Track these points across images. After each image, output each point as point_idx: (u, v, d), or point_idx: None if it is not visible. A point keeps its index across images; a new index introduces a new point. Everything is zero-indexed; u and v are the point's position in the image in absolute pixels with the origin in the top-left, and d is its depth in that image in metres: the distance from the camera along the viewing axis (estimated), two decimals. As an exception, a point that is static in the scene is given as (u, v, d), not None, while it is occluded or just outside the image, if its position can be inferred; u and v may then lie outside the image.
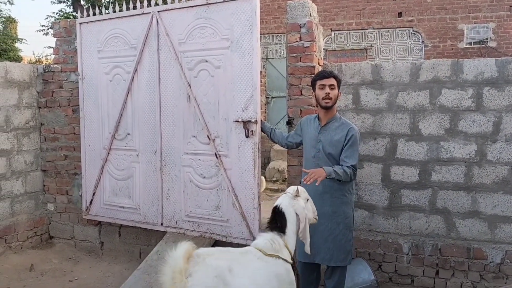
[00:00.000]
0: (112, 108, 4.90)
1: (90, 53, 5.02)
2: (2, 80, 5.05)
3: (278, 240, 2.71)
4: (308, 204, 2.91)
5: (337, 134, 3.32)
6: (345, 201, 3.35)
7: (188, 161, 4.50)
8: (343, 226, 3.32)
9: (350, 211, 3.38)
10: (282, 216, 2.78)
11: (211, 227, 4.39)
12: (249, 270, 2.53)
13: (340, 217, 3.32)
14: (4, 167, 5.11)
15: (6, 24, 20.07)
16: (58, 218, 5.50)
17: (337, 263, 3.33)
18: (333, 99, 3.33)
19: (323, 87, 3.32)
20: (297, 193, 2.83)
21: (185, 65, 4.44)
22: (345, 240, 3.34)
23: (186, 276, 2.33)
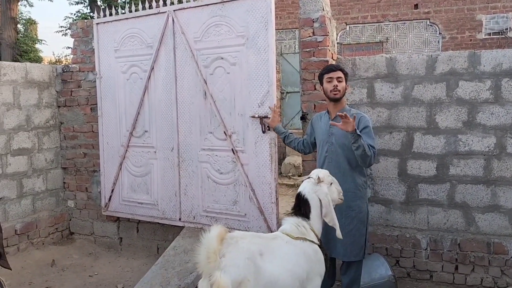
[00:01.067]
0: (130, 106, 4.98)
1: (107, 52, 5.10)
2: (23, 81, 5.17)
3: (303, 224, 2.79)
4: (333, 187, 2.93)
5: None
6: (359, 195, 3.31)
7: (205, 157, 4.56)
8: (357, 221, 3.30)
9: (364, 206, 3.35)
10: (305, 202, 2.83)
11: (229, 222, 4.44)
12: (278, 255, 2.59)
13: (354, 212, 3.30)
14: (26, 165, 5.23)
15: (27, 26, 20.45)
16: (78, 215, 5.61)
17: (350, 258, 3.32)
18: (342, 91, 3.33)
19: (331, 80, 3.33)
20: (319, 180, 2.85)
21: (201, 63, 4.49)
22: (359, 234, 3.31)
23: (220, 256, 2.40)
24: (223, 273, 2.35)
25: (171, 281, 3.81)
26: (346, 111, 3.34)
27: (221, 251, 2.43)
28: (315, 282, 2.71)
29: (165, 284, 3.79)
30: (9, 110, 5.02)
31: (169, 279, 3.84)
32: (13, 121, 5.07)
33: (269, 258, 2.55)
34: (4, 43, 13.75)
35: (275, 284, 2.51)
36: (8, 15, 13.81)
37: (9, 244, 4.97)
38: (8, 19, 13.83)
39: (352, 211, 3.29)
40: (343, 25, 11.07)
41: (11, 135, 5.05)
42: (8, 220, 5.02)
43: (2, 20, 13.87)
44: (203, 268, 2.41)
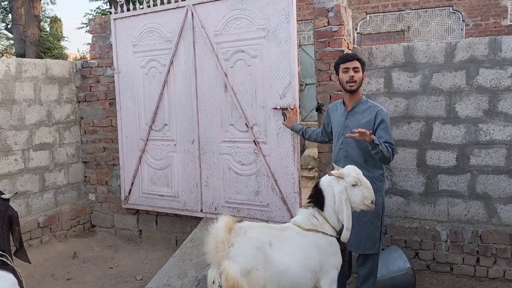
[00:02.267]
0: (149, 100, 5.03)
1: (125, 47, 5.15)
2: (43, 77, 5.25)
3: (316, 215, 2.75)
4: (356, 189, 2.75)
5: (365, 117, 3.20)
6: (374, 188, 3.01)
7: (226, 149, 4.60)
8: (372, 214, 3.16)
9: (379, 199, 3.21)
10: (320, 194, 2.78)
11: (251, 212, 4.49)
12: (288, 246, 2.58)
13: None
14: (48, 160, 5.33)
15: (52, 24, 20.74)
16: (99, 208, 5.70)
17: (365, 251, 3.27)
18: (358, 82, 3.21)
19: (347, 70, 3.21)
20: (340, 175, 2.78)
21: (221, 56, 4.52)
22: (374, 228, 3.24)
23: (229, 246, 2.43)
24: (232, 262, 2.38)
25: (188, 272, 3.86)
26: (363, 102, 3.29)
27: (229, 240, 2.45)
28: (331, 274, 2.68)
29: (182, 276, 3.84)
30: (30, 106, 5.12)
31: (186, 271, 3.88)
32: (34, 117, 5.16)
33: (279, 247, 2.55)
34: (28, 40, 13.95)
35: (285, 273, 2.51)
36: (32, 13, 14.00)
37: (32, 237, 5.08)
38: (32, 17, 14.02)
39: None
40: (363, 15, 10.86)
41: (32, 130, 5.15)
42: (31, 214, 5.13)
43: (26, 18, 14.07)
44: (211, 257, 2.44)
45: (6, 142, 4.87)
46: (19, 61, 5.02)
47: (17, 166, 4.99)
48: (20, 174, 5.03)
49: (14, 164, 4.96)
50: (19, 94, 4.98)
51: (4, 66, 4.82)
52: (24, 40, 14.12)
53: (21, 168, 5.04)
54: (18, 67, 4.97)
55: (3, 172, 4.85)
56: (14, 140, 4.95)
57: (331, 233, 2.74)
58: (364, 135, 2.96)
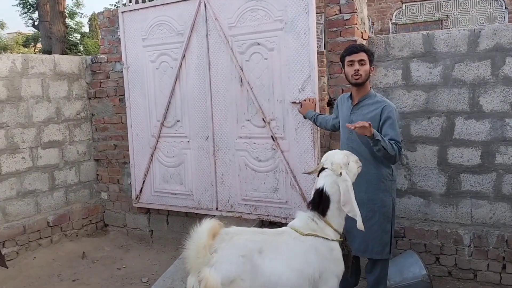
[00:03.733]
0: (160, 95, 4.87)
1: (134, 42, 4.99)
2: (52, 73, 5.10)
3: (316, 219, 2.53)
4: (350, 164, 2.64)
5: (371, 112, 3.00)
6: (382, 188, 3.02)
7: (242, 145, 4.46)
8: (380, 216, 3.00)
9: (388, 200, 3.04)
10: (325, 199, 2.54)
11: (269, 210, 4.36)
12: (283, 253, 2.38)
13: (376, 205, 3.01)
14: (57, 158, 5.19)
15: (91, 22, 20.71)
16: (112, 207, 5.56)
17: (372, 255, 3.05)
18: (364, 75, 3.00)
19: (352, 63, 3.02)
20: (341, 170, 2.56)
21: (236, 49, 4.37)
22: (382, 230, 3.02)
23: (211, 252, 2.24)
24: (213, 269, 2.18)
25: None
26: (370, 96, 3.09)
27: (212, 246, 2.25)
28: (330, 283, 2.46)
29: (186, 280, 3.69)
30: (38, 103, 4.97)
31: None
32: (42, 114, 5.02)
33: (270, 255, 2.34)
34: (54, 37, 13.89)
35: (277, 283, 2.29)
36: (57, 9, 13.94)
37: (42, 236, 4.95)
38: (57, 14, 13.95)
39: (374, 204, 3.01)
40: (398, 4, 10.39)
41: (41, 127, 5.00)
42: (40, 213, 5.00)
43: (51, 15, 14.01)
44: (191, 263, 2.24)
45: (13, 140, 4.73)
46: (25, 57, 4.87)
47: (25, 165, 4.85)
48: (29, 172, 4.89)
49: (22, 163, 4.82)
50: (26, 91, 4.84)
51: (9, 62, 4.67)
52: (50, 37, 14.04)
53: (29, 167, 4.90)
54: (25, 63, 4.82)
55: (11, 170, 4.72)
56: (21, 138, 4.81)
57: (334, 237, 2.53)
58: (363, 129, 2.74)
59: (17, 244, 4.70)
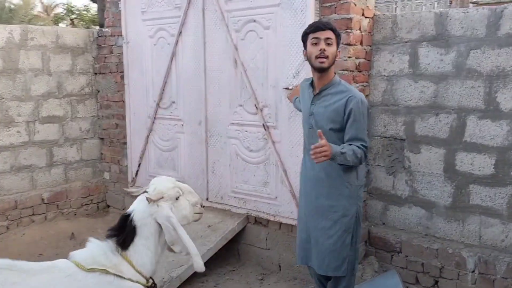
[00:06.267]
0: (157, 74, 4.60)
1: (134, 15, 4.71)
2: (53, 46, 4.96)
3: (111, 253, 2.01)
4: (181, 201, 2.16)
5: (333, 104, 2.55)
6: (346, 194, 2.59)
7: (234, 133, 4.13)
8: (340, 226, 2.59)
9: (353, 208, 2.61)
10: (131, 228, 2.04)
11: (258, 205, 4.02)
12: None
13: (337, 214, 2.59)
14: (57, 134, 5.07)
15: None
16: (113, 188, 5.41)
17: (327, 272, 2.63)
18: (331, 58, 2.51)
19: (317, 42, 2.51)
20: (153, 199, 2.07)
21: (232, 26, 4.00)
22: (341, 243, 2.59)
23: None
24: None
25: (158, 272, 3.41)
26: (334, 85, 2.58)
27: None
28: None
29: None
30: (37, 76, 4.85)
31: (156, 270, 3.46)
32: (41, 88, 4.89)
33: None
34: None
35: None
36: None
37: (35, 213, 4.88)
38: None
39: (334, 213, 2.59)
40: None
41: (39, 102, 4.89)
42: (36, 188, 4.92)
43: None
44: None
45: (7, 113, 4.65)
46: (24, 28, 4.74)
47: (20, 139, 4.77)
48: (24, 147, 4.81)
49: (17, 136, 4.74)
50: (24, 63, 4.72)
51: (6, 33, 4.56)
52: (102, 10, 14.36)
53: (25, 141, 4.82)
54: (23, 35, 4.69)
55: (4, 144, 4.65)
56: (17, 111, 4.72)
57: (132, 277, 2.00)
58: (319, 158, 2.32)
59: (8, 218, 4.66)
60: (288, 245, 3.82)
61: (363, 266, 3.56)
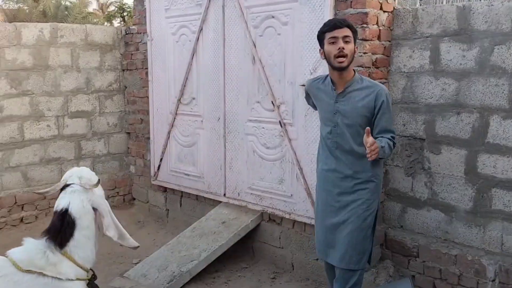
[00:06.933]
0: (178, 70, 4.65)
1: (158, 12, 4.78)
2: (82, 43, 5.11)
3: (50, 252, 1.97)
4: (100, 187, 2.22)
5: (362, 100, 2.57)
6: (371, 187, 2.62)
7: (251, 129, 4.11)
8: (364, 220, 2.62)
9: (375, 202, 2.65)
10: (69, 224, 2.01)
11: (274, 202, 3.99)
12: None
13: (361, 208, 2.61)
14: (85, 128, 5.24)
15: None
16: (138, 181, 5.52)
17: (349, 265, 2.62)
18: (349, 56, 2.51)
19: (335, 41, 2.50)
20: (97, 184, 2.11)
21: (250, 22, 3.98)
22: (363, 237, 2.62)
23: None
24: None
25: (169, 266, 3.49)
26: (357, 81, 2.60)
27: None
28: None
29: (162, 269, 3.48)
30: (66, 72, 5.01)
31: (168, 264, 3.52)
32: (71, 84, 5.06)
33: None
34: None
35: None
36: None
37: (62, 204, 5.05)
38: None
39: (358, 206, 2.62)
40: None
41: (68, 97, 5.06)
42: (64, 181, 5.10)
43: None
44: None
45: (38, 108, 4.84)
46: (54, 25, 4.91)
47: (49, 132, 4.95)
48: (53, 140, 4.99)
49: (47, 130, 4.93)
50: (54, 60, 4.89)
51: (37, 31, 4.75)
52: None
53: (55, 135, 5.00)
54: (53, 32, 4.86)
55: (34, 137, 4.85)
56: (47, 106, 4.90)
57: (72, 276, 1.96)
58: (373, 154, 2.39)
59: (37, 208, 4.86)
60: (301, 245, 3.76)
61: (377, 269, 3.45)
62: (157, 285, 3.36)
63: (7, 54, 4.59)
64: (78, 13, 22.99)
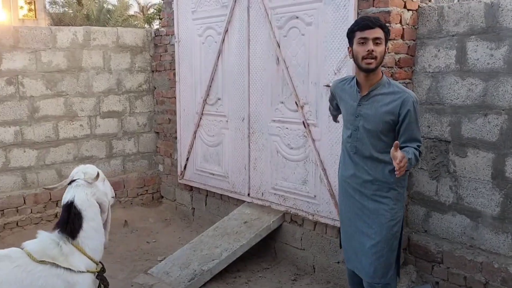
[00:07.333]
0: (204, 71, 4.71)
1: (185, 14, 4.86)
2: (114, 45, 5.26)
3: (62, 243, 2.07)
4: (106, 182, 2.32)
5: (386, 105, 2.41)
6: (393, 196, 2.46)
7: (275, 129, 4.12)
8: (388, 231, 2.46)
9: (400, 211, 2.49)
10: (76, 215, 2.12)
11: (297, 203, 3.99)
12: None
13: (384, 218, 2.45)
14: (116, 127, 5.39)
15: None
16: (166, 179, 5.63)
17: (374, 279, 2.47)
18: (379, 59, 2.36)
19: (365, 42, 2.35)
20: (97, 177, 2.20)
21: (275, 23, 4.00)
22: (388, 249, 2.46)
23: None
24: None
25: (191, 264, 3.52)
26: (383, 84, 2.43)
27: None
28: None
29: (184, 267, 3.52)
30: (98, 74, 5.17)
31: (190, 262, 3.56)
32: (102, 85, 5.22)
33: None
34: None
35: None
36: None
37: (94, 201, 5.22)
38: None
39: (381, 216, 2.47)
40: None
41: (100, 98, 5.22)
42: (95, 179, 5.27)
43: None
44: None
45: (71, 108, 5.02)
46: (87, 29, 5.08)
47: (82, 132, 5.13)
48: (86, 139, 5.17)
49: (80, 130, 5.10)
50: (87, 62, 5.06)
51: (71, 34, 4.93)
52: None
53: (87, 134, 5.17)
54: (86, 35, 5.03)
55: (68, 136, 5.03)
56: (80, 107, 5.08)
57: (82, 268, 2.04)
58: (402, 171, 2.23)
59: (70, 204, 5.03)
60: (322, 247, 3.73)
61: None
62: (178, 283, 3.42)
63: (43, 56, 4.79)
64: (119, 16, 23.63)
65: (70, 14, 23.26)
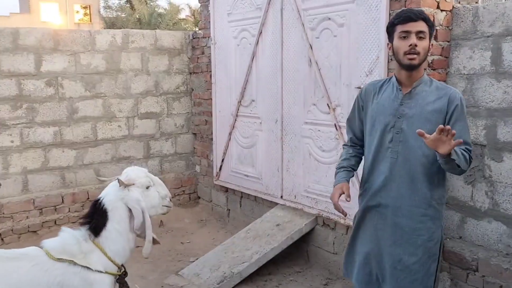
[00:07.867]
0: (239, 73, 4.76)
1: (221, 17, 4.92)
2: (152, 48, 5.39)
3: (83, 240, 2.06)
4: (151, 191, 2.24)
5: (432, 103, 2.17)
6: (431, 214, 2.21)
7: (307, 132, 4.11)
8: (424, 252, 2.21)
9: (438, 230, 2.24)
10: (102, 213, 2.11)
11: (330, 206, 3.88)
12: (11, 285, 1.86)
13: (421, 238, 2.21)
14: (153, 128, 5.52)
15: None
16: (202, 180, 5.72)
17: None
18: (422, 54, 2.13)
19: (407, 36, 2.12)
20: (125, 183, 2.14)
21: (307, 25, 3.99)
22: (425, 272, 2.22)
23: None
24: None
25: (221, 266, 3.54)
26: (425, 82, 2.20)
27: None
28: None
29: (214, 269, 3.55)
30: (136, 76, 5.31)
31: (220, 264, 3.58)
32: (140, 86, 5.35)
33: None
34: None
35: None
36: None
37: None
38: None
39: (419, 236, 2.20)
40: None
41: (138, 99, 5.36)
42: (133, 179, 5.42)
43: None
44: None
45: (110, 109, 5.18)
46: (126, 32, 5.22)
47: (120, 132, 5.28)
48: (124, 140, 5.32)
49: (118, 130, 5.26)
50: (125, 64, 5.21)
51: (109, 37, 5.08)
52: None
53: (125, 135, 5.32)
54: (125, 38, 5.18)
55: (106, 137, 5.20)
56: (118, 108, 5.23)
57: (101, 268, 2.01)
58: (443, 144, 1.92)
59: (108, 203, 5.20)
60: (354, 251, 3.67)
61: (433, 281, 3.27)
62: (207, 285, 3.46)
63: (82, 59, 4.97)
64: (170, 19, 24.10)
65: (123, 18, 23.95)
